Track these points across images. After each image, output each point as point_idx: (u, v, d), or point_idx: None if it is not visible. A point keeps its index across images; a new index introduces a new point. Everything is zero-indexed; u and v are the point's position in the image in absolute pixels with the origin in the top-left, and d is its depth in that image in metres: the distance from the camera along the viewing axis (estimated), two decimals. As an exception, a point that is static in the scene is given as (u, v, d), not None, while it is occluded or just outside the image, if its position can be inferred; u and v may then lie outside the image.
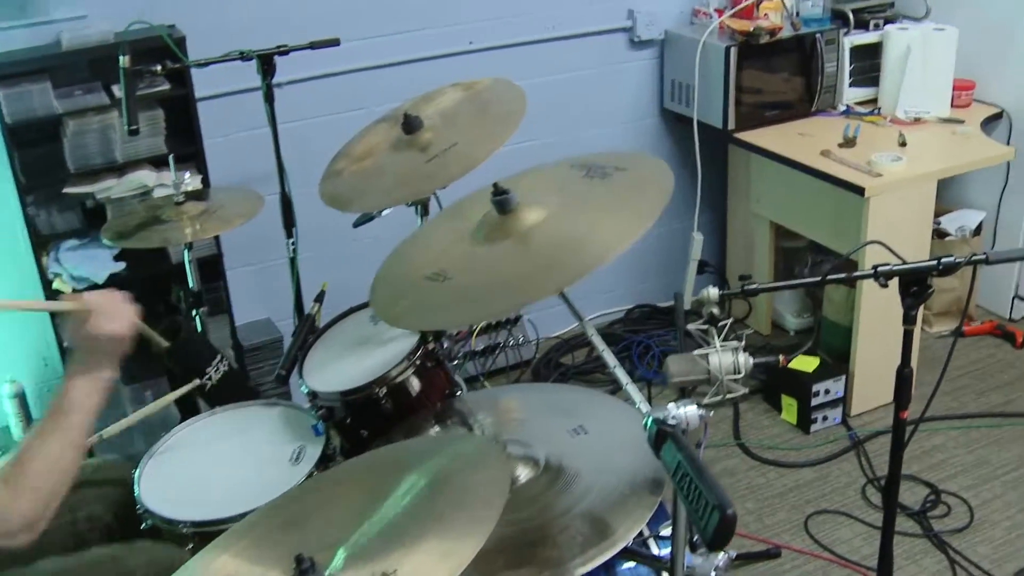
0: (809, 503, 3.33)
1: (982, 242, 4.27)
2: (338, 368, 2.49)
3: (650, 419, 1.55)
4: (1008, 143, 4.07)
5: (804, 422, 3.66)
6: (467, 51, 3.83)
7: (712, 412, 1.57)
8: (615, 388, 3.91)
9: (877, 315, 3.56)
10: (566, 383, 3.96)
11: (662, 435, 1.51)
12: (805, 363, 3.67)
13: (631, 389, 1.63)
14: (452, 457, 1.62)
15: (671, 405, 1.56)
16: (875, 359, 3.66)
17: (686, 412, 1.56)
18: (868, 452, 3.54)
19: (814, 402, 3.62)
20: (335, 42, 3.24)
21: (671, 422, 1.54)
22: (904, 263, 2.16)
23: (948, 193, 4.23)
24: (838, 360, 3.77)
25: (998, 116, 4.13)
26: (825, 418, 3.66)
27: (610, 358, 1.69)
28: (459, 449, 1.66)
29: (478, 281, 1.88)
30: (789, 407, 3.70)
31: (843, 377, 3.65)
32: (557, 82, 4.02)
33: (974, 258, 2.14)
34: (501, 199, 1.91)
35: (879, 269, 2.15)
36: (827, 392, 3.62)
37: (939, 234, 4.12)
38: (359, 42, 3.63)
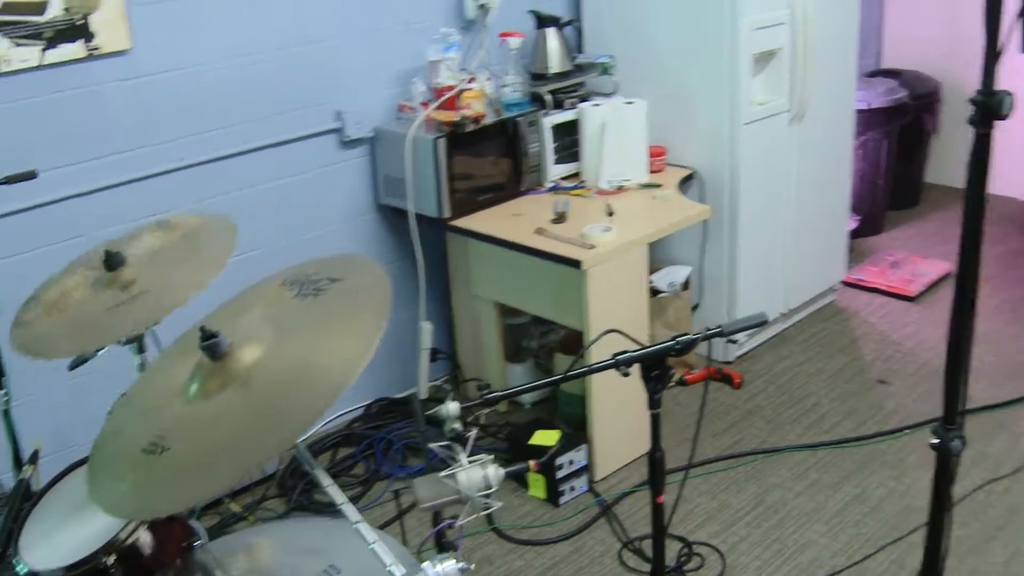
0: (570, 579, 3.13)
1: (691, 294, 4.26)
2: (60, 538, 2.08)
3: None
4: (702, 200, 4.11)
5: (553, 495, 3.48)
6: (180, 167, 3.48)
7: (473, 566, 1.31)
8: (363, 490, 3.61)
9: (607, 380, 3.42)
10: (314, 492, 3.60)
11: (420, 605, 1.25)
12: (546, 437, 3.50)
13: (378, 549, 1.36)
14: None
15: (426, 565, 1.30)
16: (612, 423, 3.55)
17: (444, 570, 1.30)
18: (618, 515, 3.39)
19: (560, 474, 3.45)
20: (32, 175, 2.84)
21: (428, 587, 1.27)
22: (642, 347, 2.01)
23: (656, 252, 4.21)
24: (577, 428, 3.62)
25: (690, 177, 4.15)
26: (572, 488, 3.50)
27: (352, 514, 1.42)
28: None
29: (201, 447, 1.57)
30: (536, 482, 3.51)
31: (584, 446, 3.49)
32: (274, 188, 3.73)
33: (708, 332, 2.05)
34: (210, 344, 1.61)
35: (619, 357, 2.00)
36: (571, 463, 3.46)
37: (653, 291, 4.07)
38: (67, 168, 3.21)
